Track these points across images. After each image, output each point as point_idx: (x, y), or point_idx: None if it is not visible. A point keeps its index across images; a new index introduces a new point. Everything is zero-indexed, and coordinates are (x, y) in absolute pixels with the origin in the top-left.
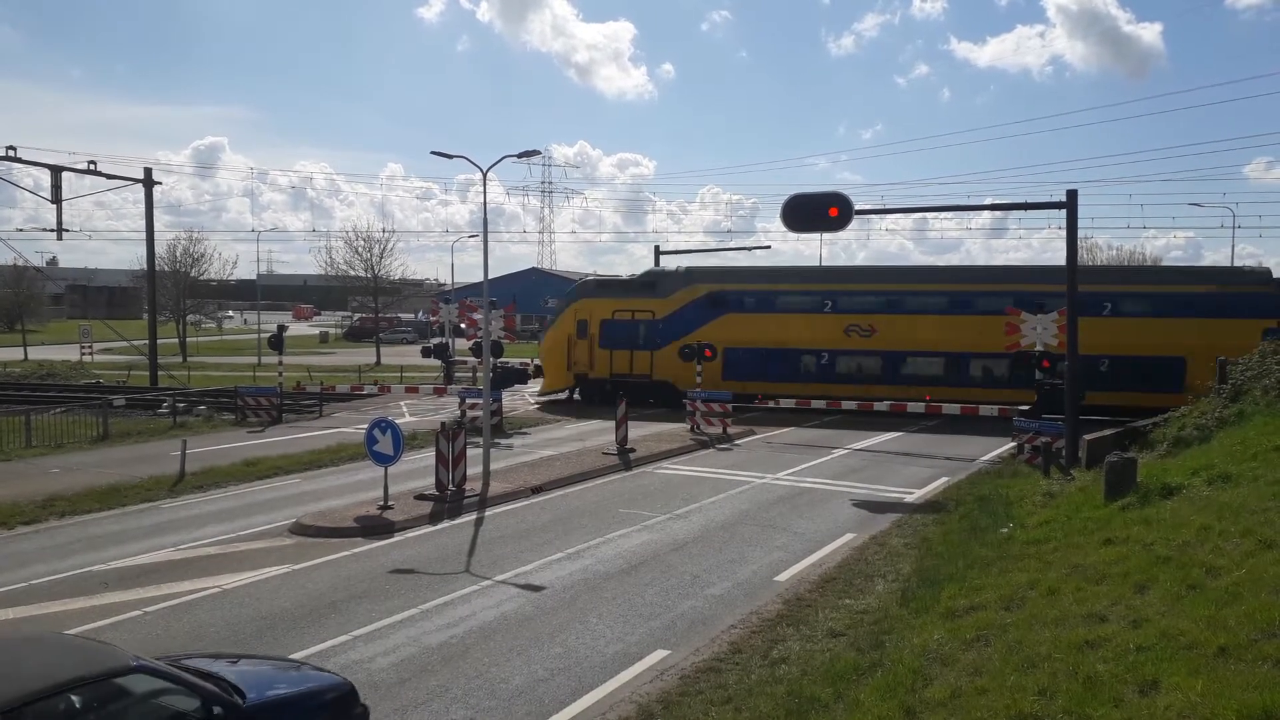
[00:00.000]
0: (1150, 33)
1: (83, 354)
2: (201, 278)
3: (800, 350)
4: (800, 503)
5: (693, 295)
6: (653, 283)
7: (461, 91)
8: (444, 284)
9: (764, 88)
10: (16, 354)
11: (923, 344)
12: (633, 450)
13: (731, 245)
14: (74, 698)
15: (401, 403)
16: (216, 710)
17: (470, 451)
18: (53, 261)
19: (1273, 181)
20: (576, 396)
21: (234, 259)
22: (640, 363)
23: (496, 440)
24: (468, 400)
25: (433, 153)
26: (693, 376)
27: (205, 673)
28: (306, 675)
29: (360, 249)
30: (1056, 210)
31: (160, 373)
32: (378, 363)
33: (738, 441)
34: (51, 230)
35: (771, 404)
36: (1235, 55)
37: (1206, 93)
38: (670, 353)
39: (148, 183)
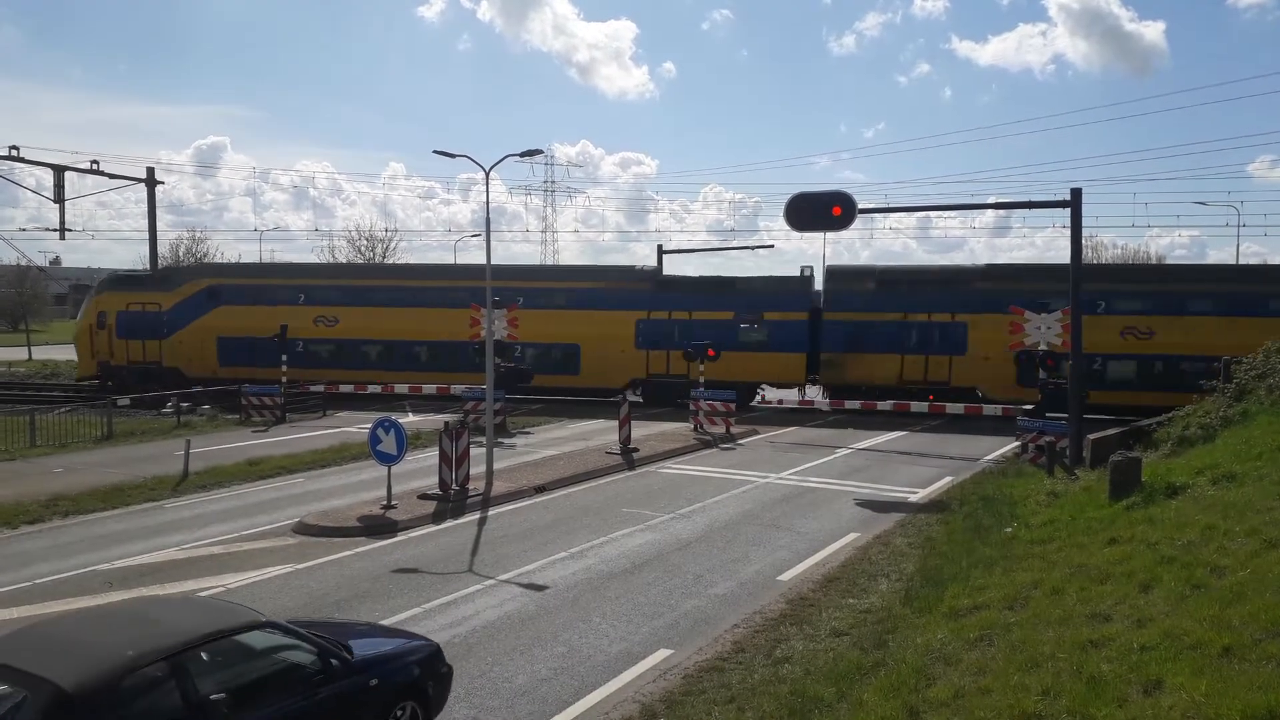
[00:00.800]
0: (1153, 31)
1: None
2: None
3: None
4: (803, 502)
5: (195, 289)
6: (166, 277)
7: (462, 91)
8: None
9: (765, 87)
10: (20, 354)
11: (380, 333)
12: (636, 450)
13: (734, 244)
14: (218, 647)
15: (405, 402)
16: (333, 662)
17: (473, 451)
18: (56, 261)
19: (1276, 180)
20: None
21: (237, 258)
22: (151, 351)
23: (499, 440)
24: (470, 400)
25: (435, 152)
26: (204, 363)
27: (317, 631)
28: (399, 636)
29: (363, 248)
30: (1061, 209)
31: None
32: None
33: (741, 441)
34: (54, 230)
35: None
36: (1238, 54)
37: (1210, 91)
38: (175, 341)
39: (150, 182)
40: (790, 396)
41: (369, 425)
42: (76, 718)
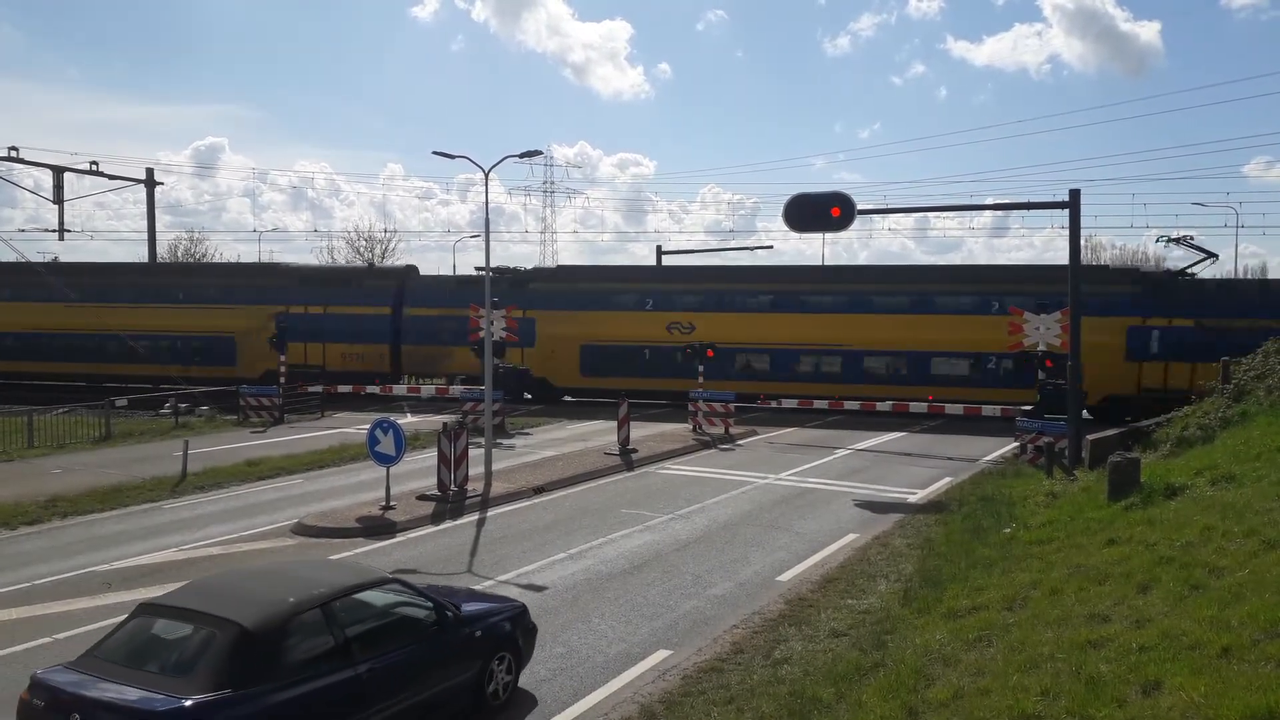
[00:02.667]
0: (1148, 31)
1: None
2: None
3: None
4: (802, 503)
5: None
6: None
7: (459, 91)
8: None
9: (761, 88)
10: None
11: None
12: (635, 450)
13: (733, 245)
14: (357, 598)
15: (403, 403)
16: (447, 614)
17: (472, 452)
18: (54, 261)
19: (1273, 180)
20: None
21: (236, 259)
22: None
23: (498, 440)
24: (469, 401)
25: (434, 153)
26: None
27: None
28: (493, 596)
29: (362, 249)
30: (1059, 210)
31: None
32: None
33: (740, 442)
34: (53, 230)
35: None
36: (1233, 54)
37: (1207, 92)
38: None
39: (149, 183)
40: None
41: (367, 426)
42: (256, 649)
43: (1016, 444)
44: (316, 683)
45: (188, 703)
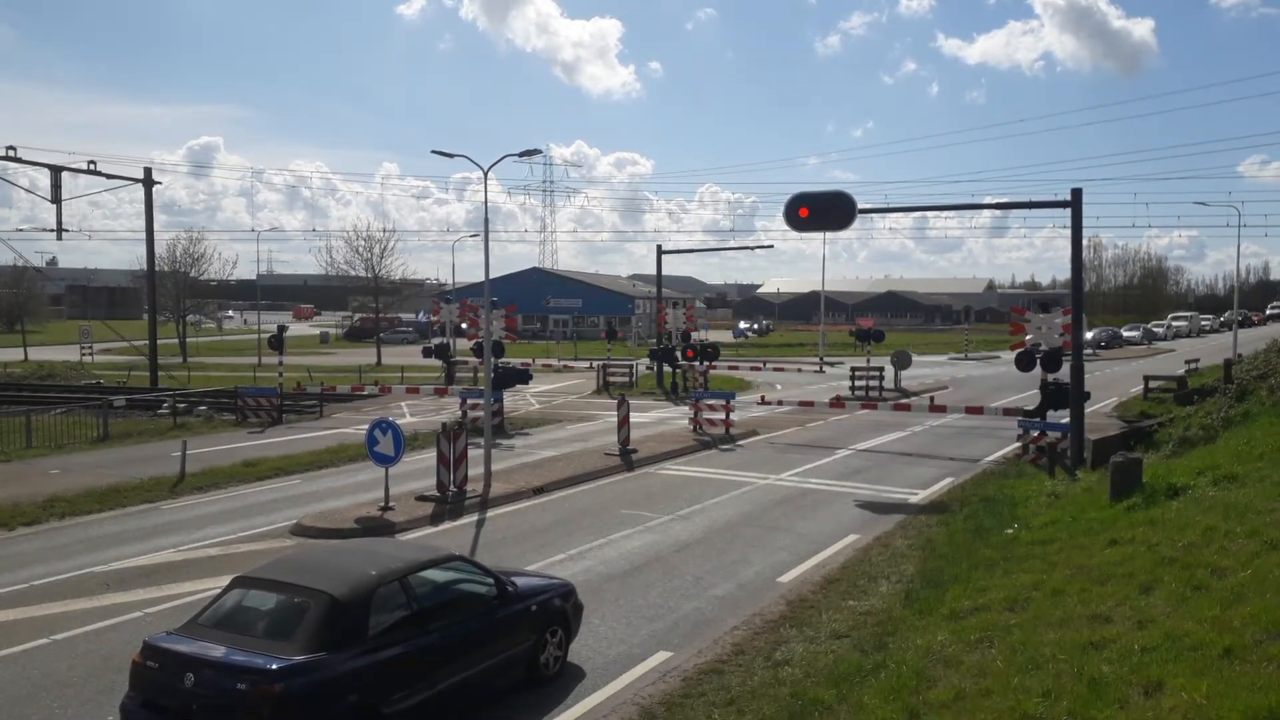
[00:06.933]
0: (1142, 28)
1: (83, 354)
2: (201, 278)
3: None
4: (803, 504)
5: None
6: None
7: (450, 90)
8: (444, 284)
9: (752, 87)
10: (17, 354)
11: None
12: (635, 451)
13: (733, 244)
14: (428, 573)
15: (402, 403)
16: (508, 589)
17: (471, 452)
18: (52, 262)
19: (1269, 180)
20: None
21: (234, 259)
22: None
23: (498, 441)
24: (468, 401)
25: (433, 152)
26: None
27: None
28: (543, 575)
29: (360, 248)
30: (1061, 209)
31: (160, 373)
32: (378, 363)
33: (740, 442)
34: (50, 230)
35: None
36: (1225, 51)
37: (1202, 94)
38: None
39: (147, 182)
40: (790, 397)
41: (366, 426)
42: (346, 617)
43: (1018, 444)
44: (396, 648)
45: (292, 661)
